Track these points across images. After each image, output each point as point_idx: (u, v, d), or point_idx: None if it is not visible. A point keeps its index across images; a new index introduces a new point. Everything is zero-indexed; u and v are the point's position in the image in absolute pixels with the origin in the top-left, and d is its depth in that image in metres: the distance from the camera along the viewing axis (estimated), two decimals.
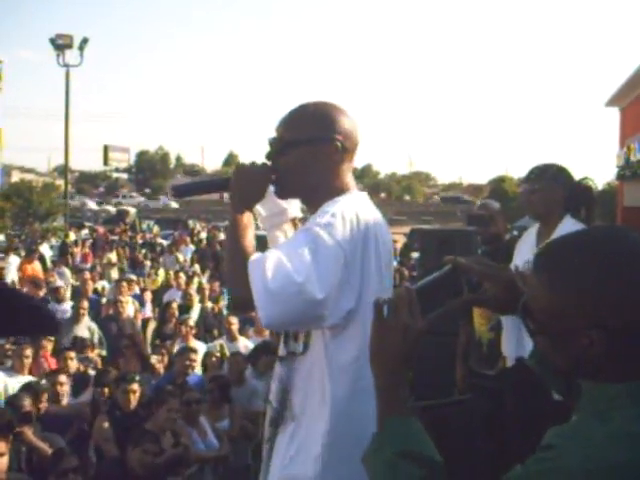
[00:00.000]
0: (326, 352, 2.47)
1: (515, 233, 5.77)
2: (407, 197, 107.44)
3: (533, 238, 4.73)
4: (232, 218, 2.53)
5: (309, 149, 2.58)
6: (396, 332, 1.76)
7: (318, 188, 2.60)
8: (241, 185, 2.58)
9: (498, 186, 62.80)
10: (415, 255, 21.15)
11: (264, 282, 2.25)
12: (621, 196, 37.97)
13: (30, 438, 6.16)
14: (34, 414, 6.44)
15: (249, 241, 2.48)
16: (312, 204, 2.64)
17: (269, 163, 2.64)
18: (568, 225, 4.49)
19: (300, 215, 3.01)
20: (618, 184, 38.91)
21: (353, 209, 2.47)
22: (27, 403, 6.36)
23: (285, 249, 2.35)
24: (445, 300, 2.03)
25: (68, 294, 13.27)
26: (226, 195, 2.71)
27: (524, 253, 4.74)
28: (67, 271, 17.33)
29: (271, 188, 2.66)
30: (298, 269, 2.25)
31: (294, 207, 2.98)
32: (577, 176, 4.67)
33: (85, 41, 36.47)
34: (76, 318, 10.61)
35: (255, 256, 2.37)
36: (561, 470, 1.44)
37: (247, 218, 2.53)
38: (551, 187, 4.50)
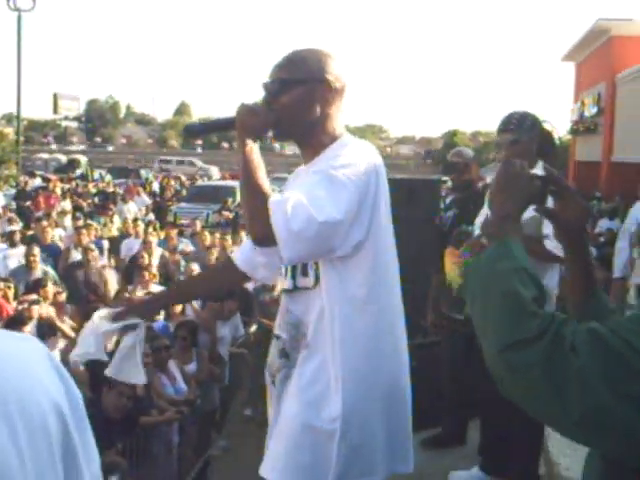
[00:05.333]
0: (336, 283, 2.63)
1: (488, 180, 5.82)
2: None
3: None
4: (243, 156, 2.58)
5: (304, 88, 2.68)
6: (521, 179, 1.88)
7: (314, 128, 2.72)
8: (244, 122, 2.64)
9: (450, 140, 63.13)
10: None
11: (286, 223, 2.38)
12: (573, 150, 38.43)
13: None
14: None
15: (263, 178, 2.56)
16: (308, 145, 2.77)
17: (268, 104, 2.72)
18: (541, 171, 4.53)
19: None
20: (571, 138, 39.32)
21: (362, 151, 2.64)
22: None
23: (305, 191, 2.46)
24: None
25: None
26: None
27: None
28: (16, 217, 17.11)
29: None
30: (318, 209, 2.40)
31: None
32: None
33: None
34: (29, 265, 10.48)
35: (276, 197, 2.47)
36: None
37: (257, 155, 2.59)
38: (530, 138, 4.52)
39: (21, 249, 11.31)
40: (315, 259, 2.63)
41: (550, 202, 2.00)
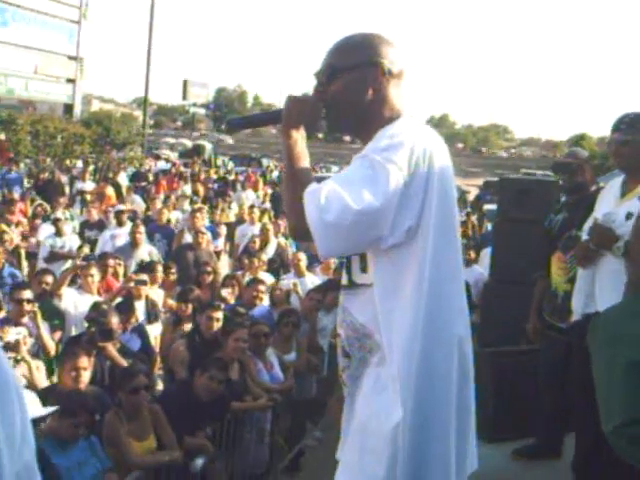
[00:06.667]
0: (391, 277, 2.46)
1: (602, 185, 5.58)
2: (483, 149, 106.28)
3: (617, 190, 4.58)
4: (286, 147, 2.52)
5: (356, 75, 2.57)
6: None
7: (367, 115, 2.59)
8: (291, 113, 2.56)
9: (576, 144, 61.58)
10: (487, 207, 20.90)
11: (320, 214, 2.28)
12: None
13: (112, 354, 6.30)
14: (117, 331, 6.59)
15: (304, 170, 2.49)
16: (363, 133, 2.62)
17: (318, 93, 2.64)
18: None
19: None
20: None
21: (408, 130, 2.46)
22: (111, 320, 6.47)
23: (342, 178, 2.37)
24: None
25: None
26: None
27: (606, 205, 4.60)
28: (138, 198, 17.54)
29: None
30: (354, 197, 2.27)
31: None
32: None
33: None
34: (134, 242, 10.74)
35: (311, 187, 2.37)
36: None
37: (301, 147, 2.52)
38: None
39: (128, 228, 11.55)
40: (358, 251, 2.50)
41: None
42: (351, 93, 2.57)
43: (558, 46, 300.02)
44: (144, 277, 8.51)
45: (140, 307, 8.16)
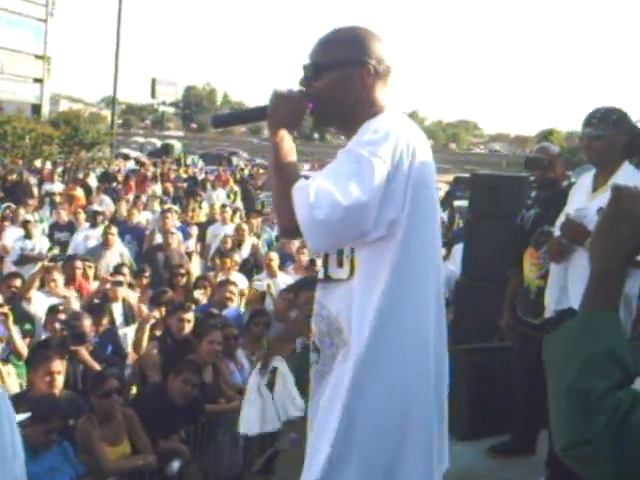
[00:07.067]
0: (372, 270, 2.46)
1: (573, 180, 5.62)
2: (452, 145, 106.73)
3: (589, 185, 4.62)
4: (273, 144, 2.52)
5: (342, 72, 2.57)
6: (630, 224, 1.62)
7: (353, 112, 2.59)
8: (278, 110, 2.57)
9: (545, 139, 61.95)
10: (458, 203, 20.95)
11: (309, 211, 2.26)
12: None
13: (85, 357, 6.24)
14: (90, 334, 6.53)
15: (291, 166, 2.50)
16: (349, 130, 2.60)
17: (304, 90, 2.64)
18: (628, 171, 4.43)
19: None
20: None
21: (392, 124, 2.46)
22: (83, 323, 6.41)
23: (329, 173, 2.36)
24: None
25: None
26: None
27: (578, 200, 4.62)
28: (107, 199, 17.41)
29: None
30: (343, 192, 2.26)
31: None
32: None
33: None
34: (106, 243, 10.71)
35: (299, 183, 2.37)
36: None
37: (288, 144, 2.52)
38: (614, 134, 4.40)
39: (101, 230, 11.48)
40: (345, 246, 2.49)
41: None
42: (337, 91, 2.58)
43: (526, 42, 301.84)
44: (120, 278, 8.46)
45: (117, 309, 8.11)
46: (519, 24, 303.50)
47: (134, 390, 6.99)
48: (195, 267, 11.45)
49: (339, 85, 2.57)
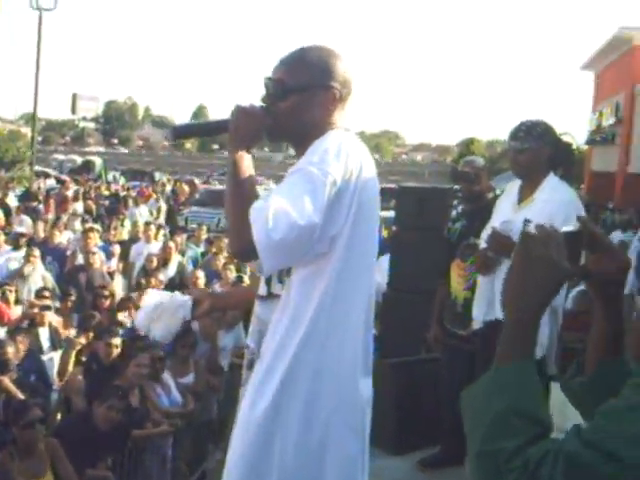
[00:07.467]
0: (305, 284, 2.46)
1: (498, 192, 5.67)
2: (376, 156, 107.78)
3: (514, 197, 4.64)
4: (232, 160, 2.48)
5: (307, 96, 2.57)
6: (543, 266, 1.55)
7: (310, 132, 2.55)
8: (239, 126, 2.52)
9: (466, 148, 62.92)
10: (382, 214, 21.06)
11: (267, 233, 2.24)
12: (589, 161, 38.11)
13: (7, 386, 6.04)
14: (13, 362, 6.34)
15: (249, 184, 2.45)
16: (302, 147, 2.57)
17: (265, 106, 2.60)
18: (552, 183, 4.48)
19: None
20: (588, 149, 38.99)
21: (341, 142, 2.44)
22: (6, 351, 6.21)
23: (285, 194, 2.31)
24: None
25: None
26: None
27: (504, 212, 4.64)
28: (28, 219, 17.00)
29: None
30: (300, 213, 2.25)
31: None
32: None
33: None
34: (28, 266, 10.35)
35: (257, 204, 2.32)
36: None
37: (247, 161, 2.48)
38: (539, 147, 4.44)
39: (23, 252, 11.11)
40: (295, 264, 2.47)
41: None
42: (299, 114, 2.57)
43: (445, 54, 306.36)
44: (47, 302, 8.25)
45: (44, 334, 7.89)
46: (437, 35, 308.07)
47: (59, 417, 6.81)
48: (118, 287, 11.24)
49: (304, 108, 2.57)
